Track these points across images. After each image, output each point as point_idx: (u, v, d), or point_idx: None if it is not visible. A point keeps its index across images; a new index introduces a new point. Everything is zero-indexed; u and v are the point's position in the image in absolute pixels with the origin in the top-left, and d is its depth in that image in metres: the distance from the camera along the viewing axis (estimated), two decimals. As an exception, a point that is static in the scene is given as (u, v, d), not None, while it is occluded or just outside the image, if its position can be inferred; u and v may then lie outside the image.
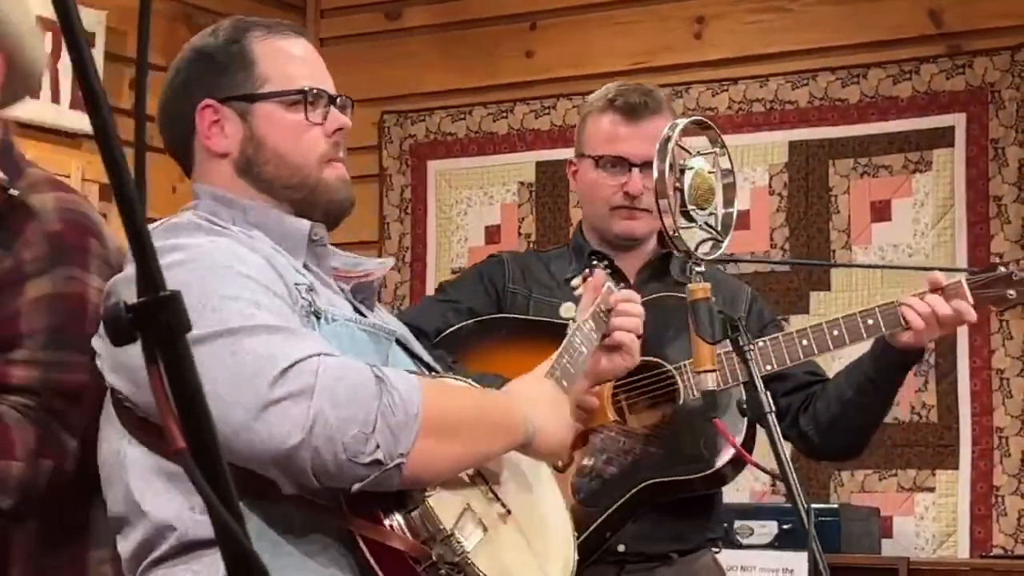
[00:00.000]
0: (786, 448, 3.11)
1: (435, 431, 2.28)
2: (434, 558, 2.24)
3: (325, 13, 6.31)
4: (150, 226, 1.63)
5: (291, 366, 2.21)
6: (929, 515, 5.27)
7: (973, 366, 5.24)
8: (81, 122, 5.29)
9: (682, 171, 2.65)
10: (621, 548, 3.38)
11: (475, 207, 6.03)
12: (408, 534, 2.27)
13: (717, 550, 3.52)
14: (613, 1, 5.82)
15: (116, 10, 5.46)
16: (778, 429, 2.61)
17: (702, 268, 2.65)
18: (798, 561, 4.92)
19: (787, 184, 5.55)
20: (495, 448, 2.43)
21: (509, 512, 2.45)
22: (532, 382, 2.62)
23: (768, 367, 3.29)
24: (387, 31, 6.19)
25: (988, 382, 5.22)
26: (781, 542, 4.99)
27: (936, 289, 3.26)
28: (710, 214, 2.68)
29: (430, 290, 5.90)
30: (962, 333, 5.22)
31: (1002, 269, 3.33)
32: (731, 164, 2.76)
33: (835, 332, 3.29)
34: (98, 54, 5.33)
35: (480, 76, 6.03)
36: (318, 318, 2.40)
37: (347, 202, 2.61)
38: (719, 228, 2.72)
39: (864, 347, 3.40)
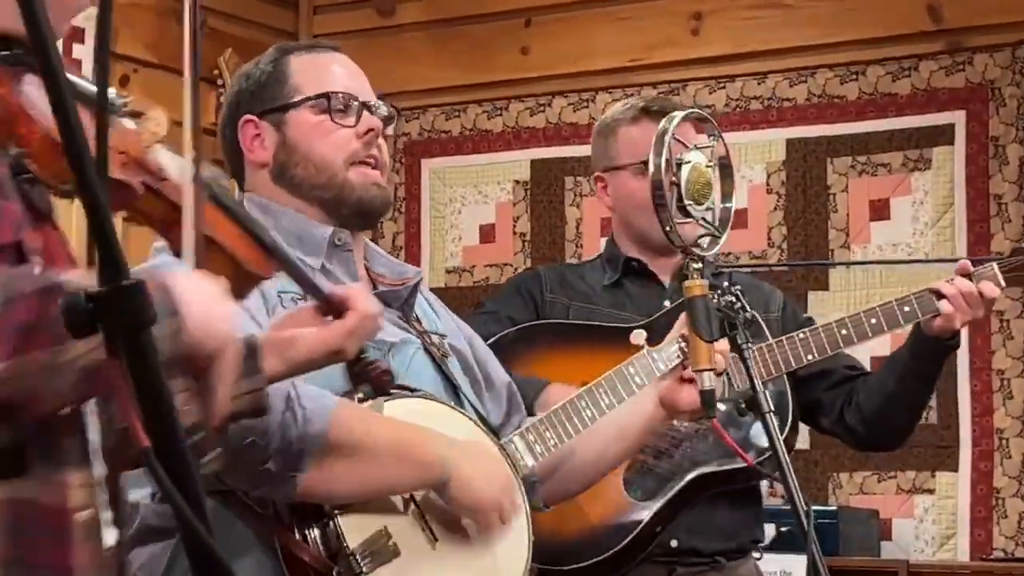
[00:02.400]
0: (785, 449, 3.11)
1: (335, 453, 2.39)
2: (335, 574, 2.34)
3: (318, 9, 6.25)
4: None
5: None
6: (929, 517, 5.21)
7: (973, 367, 5.18)
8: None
9: (679, 165, 2.59)
10: (674, 543, 3.39)
11: (469, 206, 5.96)
12: (321, 548, 2.38)
13: (759, 556, 3.52)
14: (609, -3, 5.76)
15: (106, 5, 5.40)
16: (777, 429, 2.57)
17: (699, 264, 2.60)
18: (797, 564, 4.87)
19: (785, 182, 5.49)
20: (400, 481, 2.49)
21: (436, 541, 2.50)
22: (476, 440, 2.63)
23: (809, 356, 3.34)
24: (380, 27, 6.13)
25: (988, 383, 5.17)
26: (780, 545, 4.92)
27: (966, 274, 3.32)
28: (707, 209, 2.62)
29: (424, 290, 5.84)
30: (962, 333, 5.15)
31: None
32: (728, 156, 2.71)
33: (873, 320, 3.34)
34: (87, 50, 5.26)
35: (474, 73, 5.97)
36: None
37: (377, 200, 2.74)
38: (717, 223, 2.66)
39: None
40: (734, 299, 3.15)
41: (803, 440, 4.80)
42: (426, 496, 2.51)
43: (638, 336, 2.91)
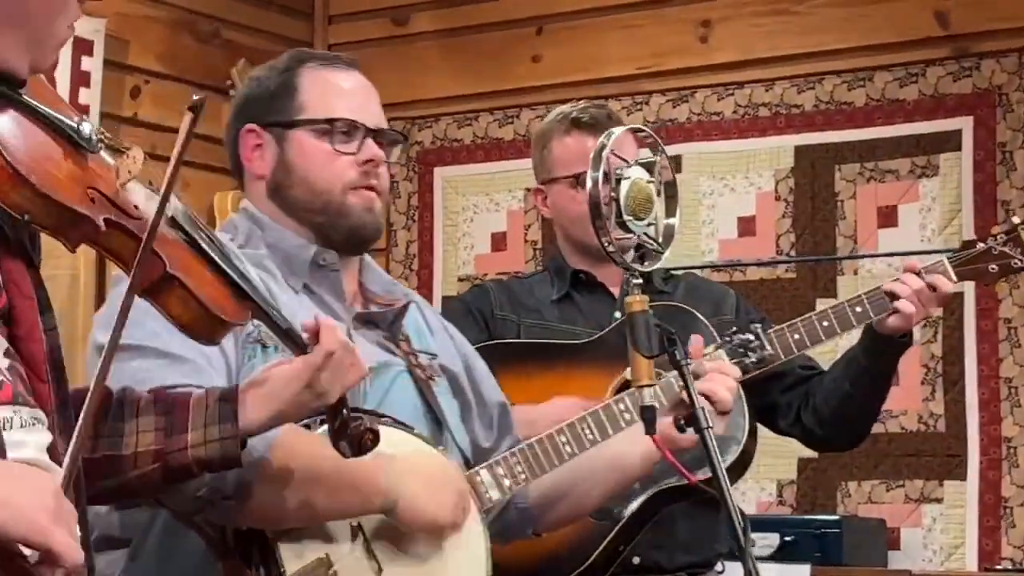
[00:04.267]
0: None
1: (273, 479, 2.38)
2: None
3: (333, 19, 6.27)
4: None
5: None
6: (937, 527, 5.17)
7: (981, 374, 5.13)
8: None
9: (618, 181, 2.58)
10: (636, 560, 3.39)
11: (481, 214, 5.97)
12: (261, 572, 2.40)
13: (721, 569, 3.49)
14: (619, 5, 5.75)
15: (115, 17, 5.43)
16: (715, 446, 2.55)
17: (639, 280, 2.59)
18: (801, 574, 4.86)
19: (793, 189, 5.46)
20: (340, 507, 2.47)
21: (381, 571, 2.49)
22: (422, 457, 2.60)
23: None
24: (394, 37, 6.14)
25: (996, 391, 5.12)
26: (783, 554, 4.91)
27: (915, 271, 3.31)
28: (649, 224, 2.61)
29: (437, 298, 5.87)
30: (969, 341, 5.13)
31: (981, 245, 3.37)
32: (672, 174, 2.70)
33: (825, 323, 3.31)
34: (97, 62, 5.31)
35: (486, 81, 5.97)
36: (264, 347, 2.52)
37: (369, 227, 2.74)
38: (660, 239, 2.65)
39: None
40: (752, 338, 3.15)
41: (813, 451, 4.77)
42: (373, 525, 2.50)
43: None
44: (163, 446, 2.17)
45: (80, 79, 5.25)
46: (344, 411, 2.25)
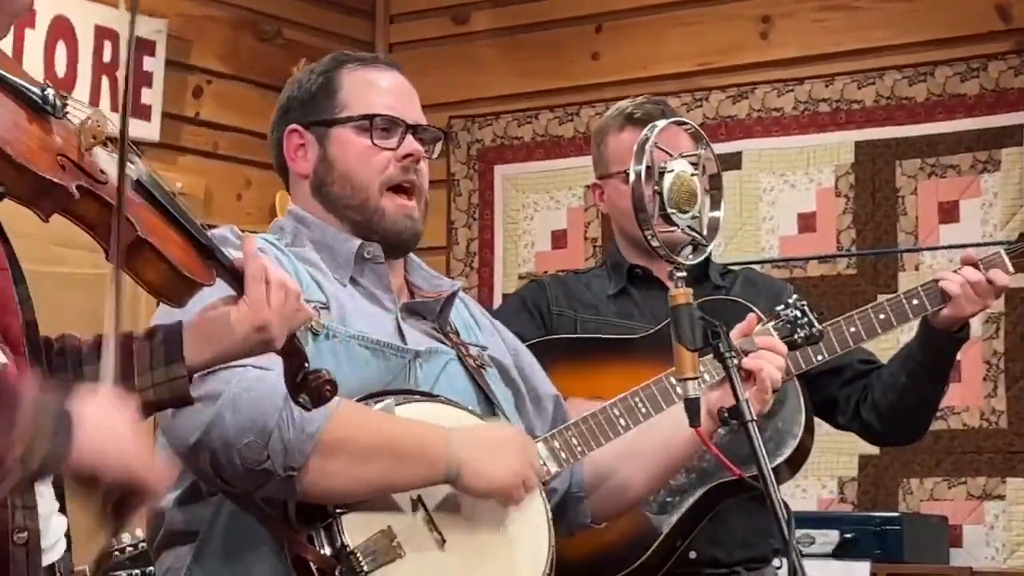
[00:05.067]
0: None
1: (332, 452, 2.42)
2: (337, 573, 2.35)
3: (394, 19, 6.31)
4: None
5: (211, 372, 2.33)
6: (999, 524, 5.13)
7: (1043, 370, 5.10)
8: (142, 130, 5.33)
9: (661, 174, 2.59)
10: (692, 555, 3.37)
11: (542, 211, 5.98)
12: (325, 547, 2.40)
13: (779, 565, 3.48)
14: (679, 1, 5.76)
15: (177, 18, 5.49)
16: (759, 439, 2.54)
17: (683, 273, 2.59)
18: (860, 571, 4.85)
19: (853, 185, 5.44)
20: (403, 477, 2.49)
21: (444, 542, 2.50)
22: (485, 425, 2.62)
23: (819, 357, 3.27)
24: (454, 35, 6.17)
25: (1059, 386, 5.09)
26: (843, 551, 4.89)
27: (972, 263, 3.29)
28: (693, 217, 2.61)
29: (497, 295, 5.88)
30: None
31: None
32: (717, 167, 2.69)
33: (882, 316, 3.29)
34: (159, 62, 5.36)
35: (546, 79, 5.99)
36: (315, 334, 2.54)
37: (406, 234, 2.76)
38: (704, 231, 2.65)
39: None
40: (799, 314, 3.14)
41: (873, 446, 4.75)
42: (435, 497, 2.52)
43: None
44: None
45: (142, 79, 5.30)
46: (304, 363, 2.22)
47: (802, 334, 3.09)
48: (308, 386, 2.20)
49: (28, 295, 1.97)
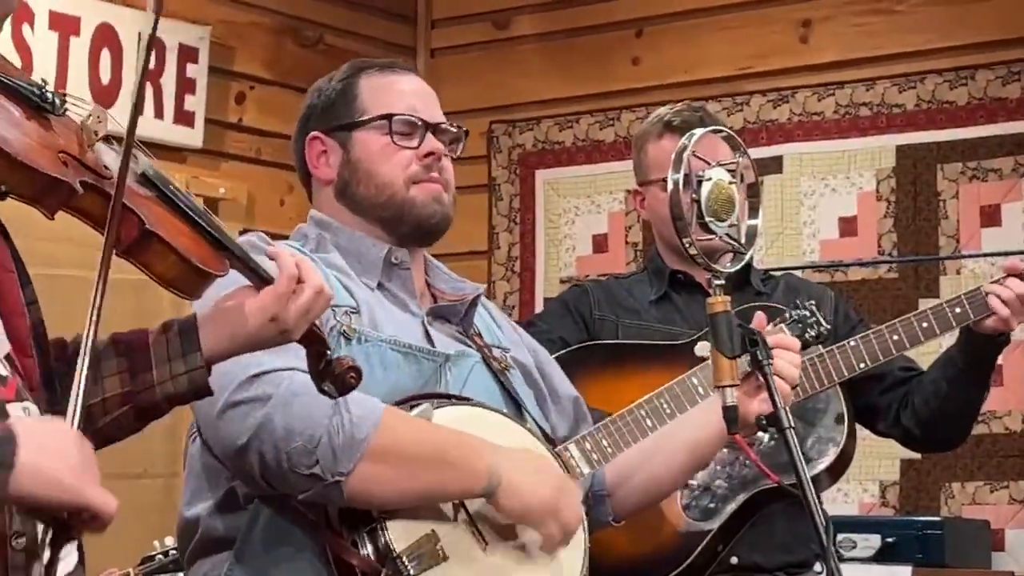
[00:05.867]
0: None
1: (380, 458, 2.44)
2: None
3: (435, 24, 6.33)
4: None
5: (260, 374, 2.40)
6: (1042, 528, 5.12)
7: (1085, 374, 5.09)
8: (185, 136, 5.37)
9: (699, 182, 2.60)
10: (734, 560, 3.40)
11: (583, 216, 5.99)
12: (369, 551, 2.44)
13: (820, 570, 3.50)
14: (719, 6, 5.75)
15: (220, 25, 5.52)
16: (797, 445, 2.55)
17: (721, 280, 2.61)
18: (902, 575, 4.83)
19: (894, 189, 5.43)
20: (444, 488, 2.52)
21: (487, 546, 2.53)
22: (525, 448, 2.64)
23: (861, 365, 3.30)
24: (496, 40, 6.19)
25: (1102, 390, 5.07)
26: (885, 556, 4.88)
27: (1017, 273, 3.30)
28: (731, 225, 2.63)
29: (539, 299, 5.90)
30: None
31: None
32: (755, 175, 2.71)
33: (924, 324, 3.31)
34: (202, 69, 5.40)
35: (587, 84, 6.00)
36: (348, 339, 2.58)
37: (436, 217, 2.79)
38: (742, 239, 2.66)
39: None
40: (808, 314, 3.16)
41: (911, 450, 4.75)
42: (478, 502, 2.55)
43: (703, 348, 2.92)
44: (130, 388, 2.10)
45: (185, 86, 5.35)
46: (327, 351, 2.21)
47: (812, 332, 3.12)
48: (332, 374, 2.19)
49: (35, 298, 1.98)
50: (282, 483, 2.46)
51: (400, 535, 2.47)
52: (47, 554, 1.76)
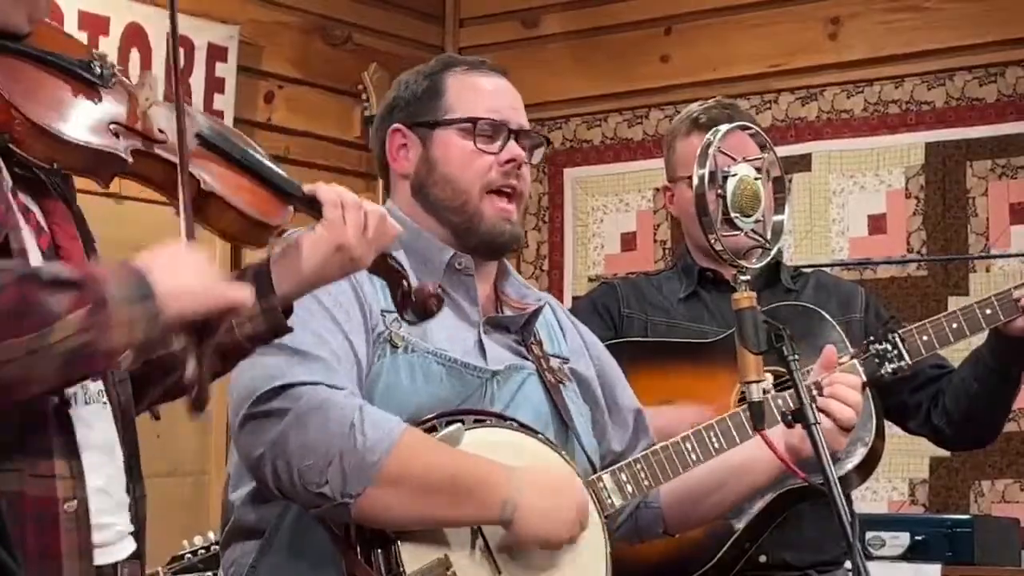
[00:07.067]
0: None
1: (391, 483, 2.43)
2: None
3: (464, 23, 6.33)
4: None
5: (283, 387, 2.40)
6: (1073, 526, 5.10)
7: (1117, 372, 5.05)
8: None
9: (725, 178, 2.60)
10: (763, 559, 3.38)
11: (611, 214, 6.00)
12: (382, 569, 2.43)
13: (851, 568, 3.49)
14: (748, 4, 5.74)
15: (248, 24, 5.53)
16: (823, 441, 2.54)
17: (747, 277, 2.60)
18: (931, 573, 4.82)
19: (924, 187, 5.42)
20: (458, 515, 2.50)
21: (500, 573, 2.52)
22: (545, 468, 2.61)
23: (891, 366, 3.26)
24: (524, 39, 6.19)
25: None
26: (914, 554, 4.87)
27: None
28: (756, 221, 2.62)
29: (567, 298, 5.90)
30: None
31: None
32: (781, 171, 2.70)
33: (954, 325, 3.29)
34: (231, 68, 5.41)
35: (615, 82, 6.00)
36: (394, 347, 2.57)
37: (506, 235, 2.76)
38: (768, 235, 2.66)
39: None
40: (890, 347, 3.15)
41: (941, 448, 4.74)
42: (492, 527, 2.53)
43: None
44: None
45: (214, 85, 5.36)
46: (404, 280, 2.24)
47: (890, 368, 3.11)
48: (412, 302, 2.23)
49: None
50: (294, 497, 2.47)
51: (412, 557, 2.46)
52: (192, 362, 1.87)
